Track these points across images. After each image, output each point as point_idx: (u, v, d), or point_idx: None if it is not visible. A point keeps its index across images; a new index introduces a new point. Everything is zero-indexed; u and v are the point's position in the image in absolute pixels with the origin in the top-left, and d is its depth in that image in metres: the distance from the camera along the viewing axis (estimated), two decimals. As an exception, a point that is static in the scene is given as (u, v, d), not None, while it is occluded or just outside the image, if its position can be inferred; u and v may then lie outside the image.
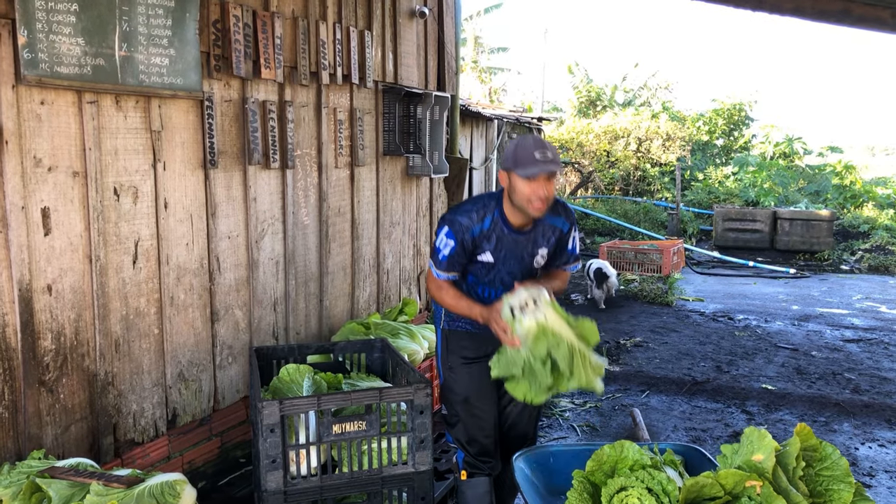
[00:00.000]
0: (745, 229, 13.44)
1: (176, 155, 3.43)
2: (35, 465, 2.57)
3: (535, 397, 2.72)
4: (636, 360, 6.29)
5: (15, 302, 2.73)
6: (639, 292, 9.00)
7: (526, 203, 2.73)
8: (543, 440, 4.53)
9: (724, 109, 20.72)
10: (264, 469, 2.71)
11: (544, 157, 2.67)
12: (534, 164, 2.65)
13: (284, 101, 4.09)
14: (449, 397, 3.13)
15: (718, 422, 4.88)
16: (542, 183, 2.68)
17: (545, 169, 2.65)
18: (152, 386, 3.38)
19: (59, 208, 2.89)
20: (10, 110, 2.66)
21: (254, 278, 3.98)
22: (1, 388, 2.71)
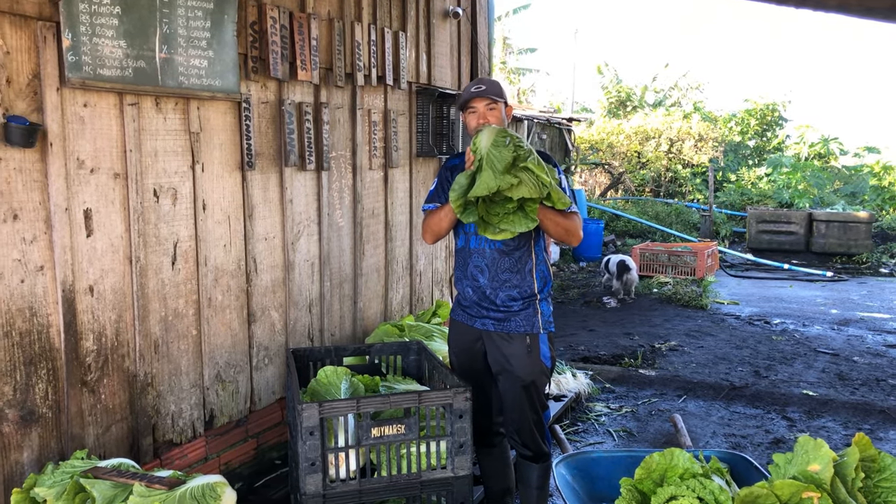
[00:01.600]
0: (779, 231, 13.22)
1: (214, 157, 3.44)
2: (78, 465, 2.58)
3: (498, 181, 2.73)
4: (672, 364, 6.19)
5: (58, 303, 2.75)
6: (672, 295, 8.88)
7: (474, 134, 2.96)
8: (579, 445, 4.48)
9: (757, 110, 20.42)
10: (303, 472, 2.69)
11: (477, 87, 3.00)
12: (467, 93, 3.03)
13: (320, 103, 4.09)
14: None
15: (758, 428, 4.78)
16: (481, 112, 3.00)
17: (475, 94, 2.98)
18: (190, 387, 3.39)
19: (100, 210, 2.91)
20: (54, 112, 2.69)
21: (290, 280, 3.98)
22: (45, 388, 2.73)
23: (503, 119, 3.04)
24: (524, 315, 3.04)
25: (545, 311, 3.09)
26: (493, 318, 3.08)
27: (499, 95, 3.01)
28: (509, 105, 3.13)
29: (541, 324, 3.05)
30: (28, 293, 2.65)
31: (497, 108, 3.01)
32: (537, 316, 3.05)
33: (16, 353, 2.62)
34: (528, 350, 3.03)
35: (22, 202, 2.61)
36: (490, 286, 3.06)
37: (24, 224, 2.63)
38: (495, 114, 3.00)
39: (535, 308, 3.05)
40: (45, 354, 2.72)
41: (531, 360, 3.02)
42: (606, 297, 8.99)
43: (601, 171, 18.74)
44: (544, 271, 3.11)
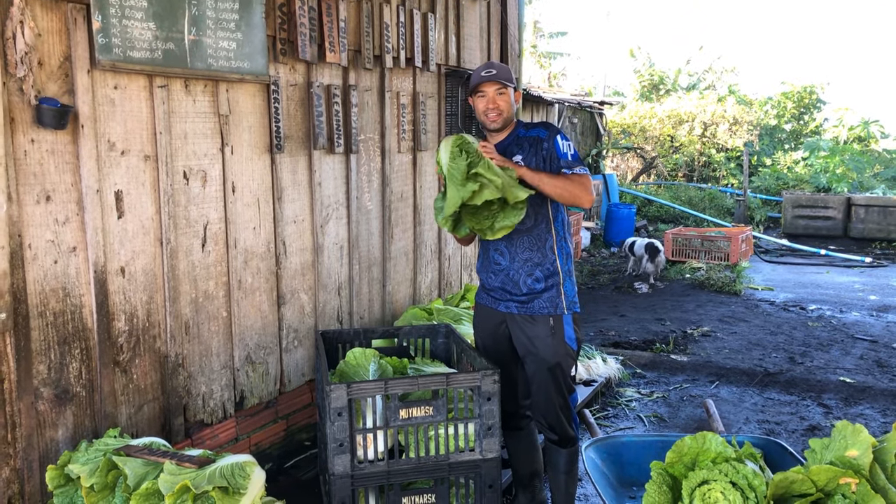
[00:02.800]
0: (816, 216, 12.94)
1: (243, 139, 3.45)
2: (111, 442, 2.62)
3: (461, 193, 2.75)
4: (704, 350, 6.10)
5: (91, 283, 2.78)
6: (705, 280, 8.75)
7: (482, 118, 3.03)
8: (609, 430, 4.43)
9: (794, 92, 19.97)
10: (332, 452, 2.70)
11: (487, 72, 2.97)
12: (477, 77, 2.99)
13: (349, 86, 4.07)
14: None
15: (793, 415, 4.69)
16: (490, 96, 2.97)
17: (484, 78, 2.95)
18: (221, 368, 3.42)
19: (131, 192, 2.94)
20: (85, 95, 2.71)
21: (319, 262, 3.98)
22: (78, 368, 2.77)
23: (511, 104, 3.02)
24: (547, 296, 3.01)
25: (569, 291, 3.05)
26: (516, 301, 3.06)
27: (508, 80, 2.98)
28: (518, 90, 3.12)
29: (565, 305, 3.01)
30: (61, 274, 2.69)
31: (506, 92, 2.98)
32: (561, 297, 3.01)
33: (50, 332, 2.66)
34: (552, 332, 2.99)
35: (54, 183, 2.64)
36: (512, 267, 3.04)
37: (57, 205, 2.66)
38: (504, 98, 2.98)
39: (558, 289, 3.02)
40: (78, 334, 2.76)
41: (555, 341, 2.99)
42: (638, 282, 8.89)
43: (633, 156, 18.51)
44: (566, 247, 3.07)
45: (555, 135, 2.99)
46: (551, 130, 3.02)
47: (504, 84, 2.96)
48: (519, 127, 3.09)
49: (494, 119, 3.00)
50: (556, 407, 3.03)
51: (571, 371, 3.08)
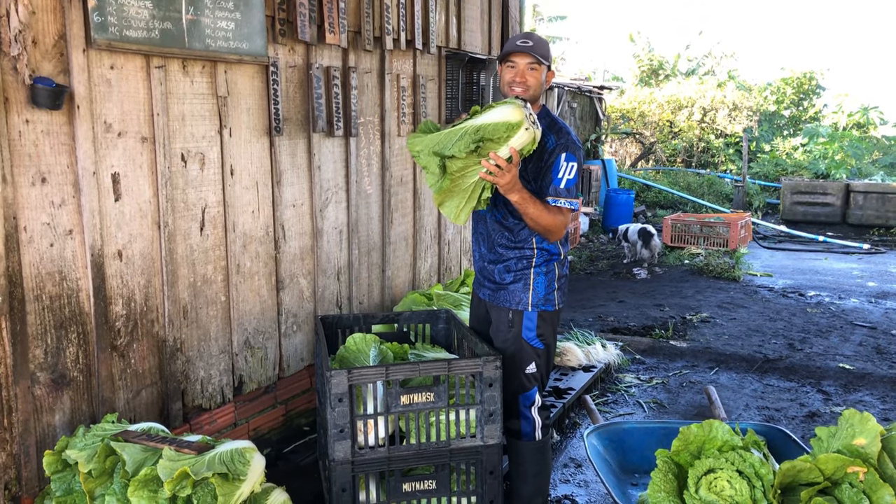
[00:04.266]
0: (814, 203, 12.92)
1: (241, 121, 3.40)
2: (109, 427, 2.59)
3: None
4: (703, 336, 6.09)
5: (88, 267, 2.74)
6: (704, 267, 8.73)
7: (507, 89, 2.80)
8: (609, 416, 4.42)
9: (794, 78, 19.86)
10: (332, 438, 2.68)
11: (524, 42, 2.77)
12: (511, 45, 2.78)
13: (348, 67, 4.02)
14: None
15: (792, 401, 4.68)
16: (521, 69, 2.76)
17: (518, 48, 2.74)
18: (219, 353, 3.39)
19: (128, 174, 2.89)
20: (80, 75, 2.65)
21: (318, 247, 3.94)
22: (75, 352, 2.74)
23: (541, 83, 2.80)
24: (513, 289, 2.93)
25: (540, 287, 2.91)
26: (488, 288, 3.04)
27: (545, 56, 2.77)
28: (552, 70, 2.86)
29: (530, 301, 2.90)
30: (57, 257, 2.65)
31: (539, 70, 2.77)
32: (527, 293, 2.91)
33: (46, 316, 2.62)
34: (509, 326, 2.95)
35: (50, 165, 2.59)
36: (488, 257, 3.00)
37: (53, 188, 2.61)
38: (535, 76, 2.76)
39: (525, 283, 2.91)
40: (75, 318, 2.72)
41: (510, 336, 2.94)
42: (636, 268, 8.87)
43: (632, 141, 18.44)
44: (551, 247, 2.93)
45: (561, 151, 2.76)
46: (560, 143, 2.77)
47: (538, 59, 2.74)
48: (542, 115, 2.86)
49: (518, 92, 2.77)
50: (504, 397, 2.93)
51: (528, 368, 2.94)
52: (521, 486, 3.06)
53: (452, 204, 2.65)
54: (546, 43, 2.83)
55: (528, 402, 2.97)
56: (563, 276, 3.01)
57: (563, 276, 3.02)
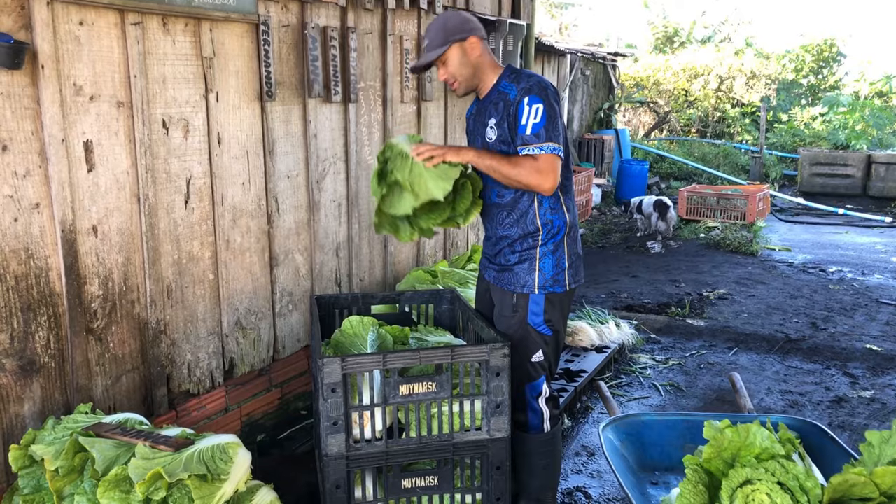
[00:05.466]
0: (834, 174, 12.53)
1: (230, 85, 3.13)
2: (81, 419, 2.38)
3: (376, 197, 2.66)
4: (721, 314, 5.83)
5: (58, 244, 2.51)
6: (721, 240, 8.43)
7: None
8: (623, 399, 4.20)
9: (813, 45, 19.28)
10: (325, 431, 2.45)
11: (424, 46, 2.68)
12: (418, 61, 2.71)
13: (347, 28, 3.73)
14: None
15: (817, 385, 4.43)
16: (440, 72, 2.68)
17: (419, 62, 2.68)
18: (208, 335, 3.17)
19: (102, 142, 2.64)
20: (45, 30, 2.39)
21: (315, 221, 3.70)
22: (45, 336, 2.51)
23: (462, 63, 2.62)
24: (517, 271, 2.68)
25: (547, 268, 2.66)
26: (493, 269, 2.80)
27: (440, 44, 2.58)
28: (465, 40, 2.60)
29: (536, 282, 2.65)
30: (23, 233, 2.41)
31: (447, 58, 2.61)
32: (533, 274, 2.66)
33: (11, 298, 2.39)
34: (514, 311, 2.70)
35: (11, 131, 2.35)
36: (494, 237, 2.77)
37: (15, 156, 2.36)
38: (451, 64, 2.62)
39: (531, 265, 2.66)
40: (44, 300, 2.50)
41: (515, 322, 2.69)
42: (650, 241, 8.59)
43: (646, 110, 18.00)
44: (556, 220, 2.66)
45: (523, 96, 2.51)
46: (522, 89, 2.54)
47: (438, 53, 2.59)
48: (503, 77, 2.65)
49: (456, 89, 2.70)
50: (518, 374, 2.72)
51: (534, 357, 2.70)
52: (529, 480, 2.84)
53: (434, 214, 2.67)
54: (438, 27, 2.61)
55: (534, 392, 2.73)
56: (573, 253, 2.73)
57: (575, 255, 2.74)
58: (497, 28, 4.99)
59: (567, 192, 2.72)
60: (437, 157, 2.56)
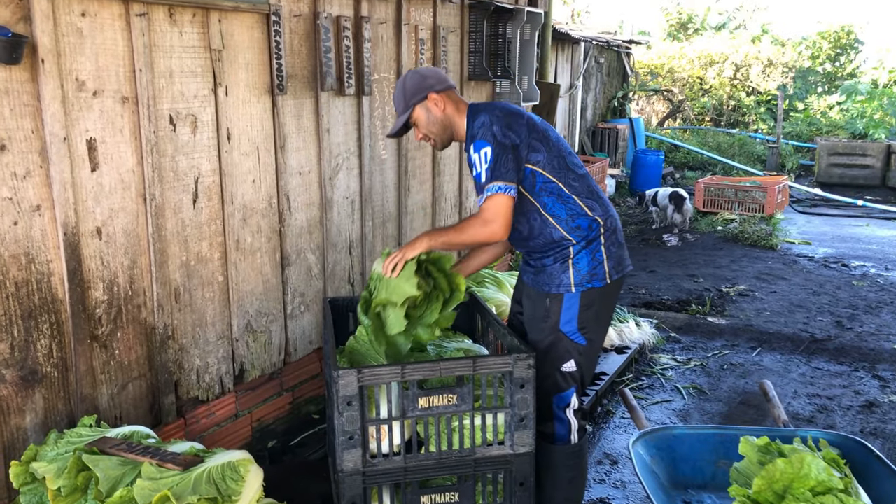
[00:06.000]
0: (853, 165, 12.31)
1: (239, 78, 3.00)
2: (85, 433, 2.27)
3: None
4: (743, 311, 5.67)
5: (60, 247, 2.38)
6: (739, 234, 8.25)
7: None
8: (645, 403, 4.06)
9: (831, 32, 18.96)
10: (340, 446, 2.33)
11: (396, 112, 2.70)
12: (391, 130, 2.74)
13: (360, 17, 3.58)
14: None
15: (846, 388, 4.28)
16: (415, 134, 2.70)
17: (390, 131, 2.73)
18: (217, 339, 3.05)
19: (106, 139, 2.51)
20: (45, 23, 2.25)
21: (327, 219, 3.56)
22: (48, 345, 2.40)
23: (430, 120, 2.61)
24: (551, 271, 2.55)
25: (582, 263, 2.52)
26: (531, 271, 2.67)
27: (406, 105, 2.60)
28: (426, 98, 2.58)
29: (572, 280, 2.52)
30: (23, 237, 2.29)
31: (417, 116, 2.61)
32: (567, 272, 2.53)
33: (11, 305, 2.27)
34: (546, 315, 2.56)
35: (10, 130, 2.22)
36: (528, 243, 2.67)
37: (14, 156, 2.24)
38: (420, 128, 2.64)
39: (565, 262, 2.53)
40: (46, 307, 2.38)
41: (546, 326, 2.56)
42: (666, 234, 8.42)
43: (659, 99, 17.74)
44: (583, 223, 2.52)
45: (470, 145, 2.48)
46: (469, 136, 2.52)
47: (406, 120, 2.62)
48: (467, 122, 2.59)
49: (434, 146, 2.71)
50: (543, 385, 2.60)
51: (565, 366, 2.56)
52: (554, 494, 2.71)
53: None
54: (398, 90, 2.63)
55: (562, 403, 2.60)
56: (613, 244, 2.57)
57: (615, 244, 2.58)
58: (514, 16, 4.82)
59: (580, 193, 2.54)
60: (398, 260, 2.52)
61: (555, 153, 2.53)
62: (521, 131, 2.47)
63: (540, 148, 2.50)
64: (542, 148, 2.50)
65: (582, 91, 11.46)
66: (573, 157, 2.60)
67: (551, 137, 2.56)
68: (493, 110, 2.51)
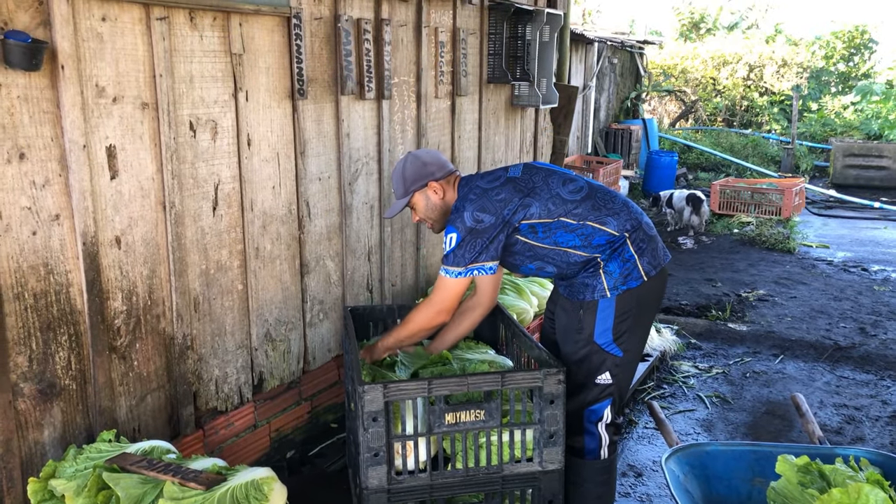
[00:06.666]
0: (868, 166, 12.19)
1: (260, 83, 2.93)
2: (104, 449, 2.21)
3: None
4: (763, 317, 5.59)
5: (79, 257, 2.33)
6: (756, 237, 8.16)
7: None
8: (668, 412, 3.99)
9: (844, 32, 18.77)
10: (365, 463, 2.27)
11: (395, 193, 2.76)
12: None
13: (381, 20, 3.51)
14: None
15: (873, 398, 4.20)
16: (412, 218, 2.81)
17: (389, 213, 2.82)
18: (236, 348, 2.99)
19: (126, 147, 2.45)
20: (65, 27, 2.20)
21: (346, 225, 3.50)
22: (66, 357, 2.34)
23: (428, 206, 2.69)
24: (583, 280, 2.50)
25: (614, 269, 2.46)
26: (563, 283, 2.64)
27: (405, 192, 2.67)
28: (427, 185, 2.65)
29: (605, 285, 2.46)
30: (42, 247, 2.23)
31: (416, 201, 2.69)
32: (600, 279, 2.47)
33: (30, 317, 2.22)
34: (580, 324, 2.50)
35: (29, 138, 2.16)
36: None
37: (34, 164, 2.18)
38: (419, 209, 2.72)
39: (597, 270, 2.48)
40: (65, 318, 2.32)
41: (580, 338, 2.51)
42: (682, 236, 8.34)
43: (672, 99, 17.61)
44: (601, 241, 2.46)
45: (448, 231, 2.55)
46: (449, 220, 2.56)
47: (406, 202, 2.69)
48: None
49: (431, 228, 2.78)
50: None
51: (599, 378, 2.51)
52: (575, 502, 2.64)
53: None
54: (397, 174, 2.69)
55: (594, 417, 2.53)
56: (640, 238, 2.49)
57: (642, 238, 2.50)
58: (534, 18, 4.75)
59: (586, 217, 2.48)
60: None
61: (546, 197, 2.50)
62: (499, 206, 2.47)
63: (530, 202, 2.48)
64: (533, 200, 2.48)
65: (595, 92, 11.37)
66: (568, 185, 2.53)
67: (537, 182, 2.53)
68: (469, 194, 2.53)
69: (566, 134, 5.77)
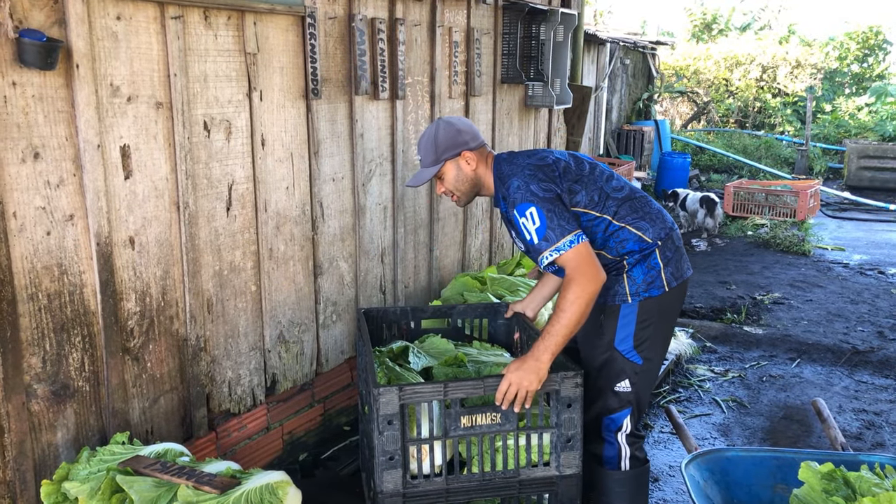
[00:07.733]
0: (884, 168, 12.06)
1: (274, 83, 2.92)
2: (118, 451, 2.19)
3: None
4: (779, 320, 5.52)
5: (93, 258, 2.31)
6: (770, 239, 8.08)
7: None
8: (684, 416, 3.93)
9: (859, 32, 18.62)
10: (380, 467, 2.24)
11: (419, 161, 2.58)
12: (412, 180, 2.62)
13: (395, 19, 3.49)
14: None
15: (892, 403, 4.13)
16: (438, 189, 2.59)
17: (412, 180, 2.59)
18: (249, 350, 2.97)
19: (140, 147, 2.44)
20: (80, 26, 2.18)
21: (360, 226, 3.48)
22: (80, 358, 2.33)
23: (459, 178, 2.50)
24: (605, 284, 2.37)
25: (636, 272, 2.40)
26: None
27: (435, 161, 2.47)
28: (459, 155, 2.47)
29: (627, 290, 2.40)
30: (56, 247, 2.22)
31: (445, 171, 2.49)
32: (622, 283, 2.41)
33: (43, 318, 2.20)
34: (600, 329, 2.44)
35: (44, 137, 2.15)
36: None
37: (48, 164, 2.17)
38: (447, 179, 2.51)
39: (620, 273, 2.41)
40: (79, 319, 2.31)
41: (601, 343, 2.45)
42: (695, 239, 8.27)
43: (684, 100, 17.52)
44: (629, 244, 2.39)
45: (512, 209, 2.32)
46: (509, 202, 2.35)
47: (434, 172, 2.49)
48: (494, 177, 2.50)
49: (456, 201, 2.58)
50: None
51: (618, 385, 2.44)
52: None
53: None
54: (428, 141, 2.49)
55: (613, 426, 2.48)
56: (668, 248, 2.43)
57: (671, 248, 2.43)
58: (549, 18, 4.71)
59: (625, 218, 2.41)
60: (528, 394, 2.23)
61: (592, 187, 2.41)
62: (557, 180, 2.36)
63: (577, 189, 2.39)
64: (580, 188, 2.39)
65: (607, 92, 11.31)
66: (611, 182, 2.45)
67: (584, 170, 2.44)
68: (524, 169, 2.37)
69: (580, 135, 5.73)
